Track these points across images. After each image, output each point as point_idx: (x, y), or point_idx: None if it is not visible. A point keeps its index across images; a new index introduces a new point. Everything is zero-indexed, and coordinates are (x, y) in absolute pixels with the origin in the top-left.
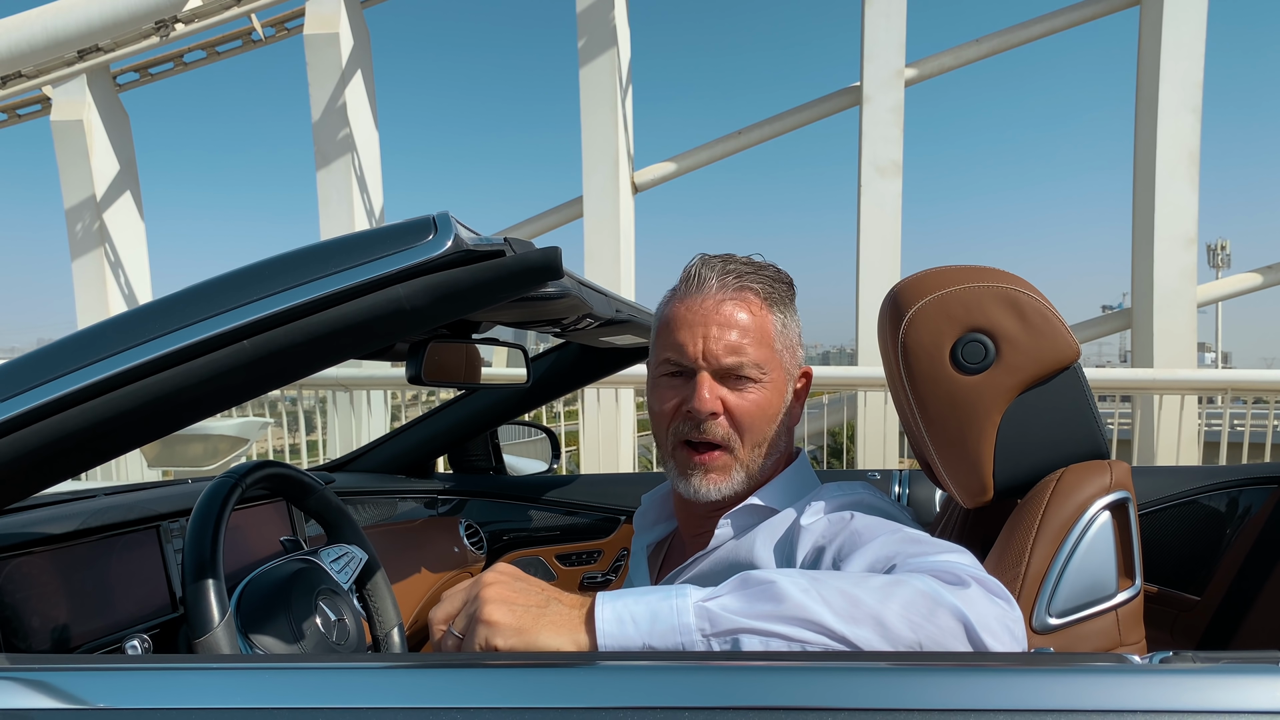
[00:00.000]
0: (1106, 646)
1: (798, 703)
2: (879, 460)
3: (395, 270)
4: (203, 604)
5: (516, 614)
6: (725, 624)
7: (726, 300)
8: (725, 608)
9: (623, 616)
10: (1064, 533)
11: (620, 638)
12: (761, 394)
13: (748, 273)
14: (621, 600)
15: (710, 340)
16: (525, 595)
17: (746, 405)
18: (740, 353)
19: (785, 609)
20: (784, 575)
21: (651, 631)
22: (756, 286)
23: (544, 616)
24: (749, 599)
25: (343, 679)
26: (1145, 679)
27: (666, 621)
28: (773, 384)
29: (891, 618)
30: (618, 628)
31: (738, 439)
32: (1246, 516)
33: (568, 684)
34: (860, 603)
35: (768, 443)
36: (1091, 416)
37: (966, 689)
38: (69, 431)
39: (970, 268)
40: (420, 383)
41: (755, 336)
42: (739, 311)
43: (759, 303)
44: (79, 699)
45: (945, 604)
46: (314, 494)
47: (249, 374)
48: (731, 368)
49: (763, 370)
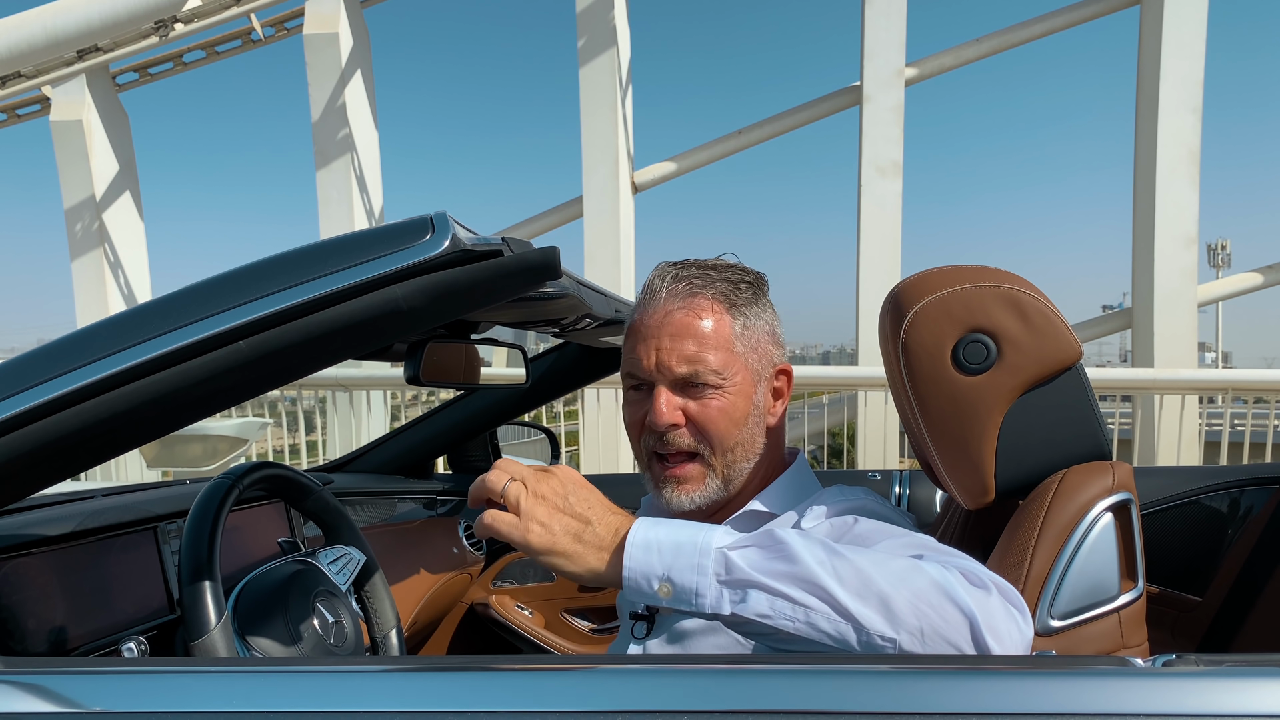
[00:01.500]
0: (1109, 649)
1: (800, 706)
2: (879, 460)
3: (393, 270)
4: (199, 606)
5: (555, 520)
6: (739, 574)
7: (676, 309)
8: (745, 558)
9: (650, 543)
10: (1066, 534)
11: (645, 564)
12: (725, 399)
13: (699, 277)
14: (658, 529)
15: (663, 352)
16: (574, 505)
17: (709, 412)
18: (695, 361)
19: (798, 571)
20: (805, 542)
21: (673, 565)
22: (709, 291)
23: (581, 535)
24: (767, 555)
25: (341, 682)
26: (1148, 682)
27: (688, 558)
28: (737, 387)
29: (899, 603)
30: (644, 553)
31: (706, 446)
32: (1248, 517)
33: (569, 687)
34: (872, 582)
35: (741, 446)
36: (1094, 417)
37: (969, 692)
38: (66, 432)
39: (971, 268)
40: (419, 383)
41: (712, 342)
42: (690, 319)
43: (713, 306)
44: (75, 702)
45: (958, 600)
46: (312, 495)
47: (246, 374)
48: (686, 377)
49: (722, 375)
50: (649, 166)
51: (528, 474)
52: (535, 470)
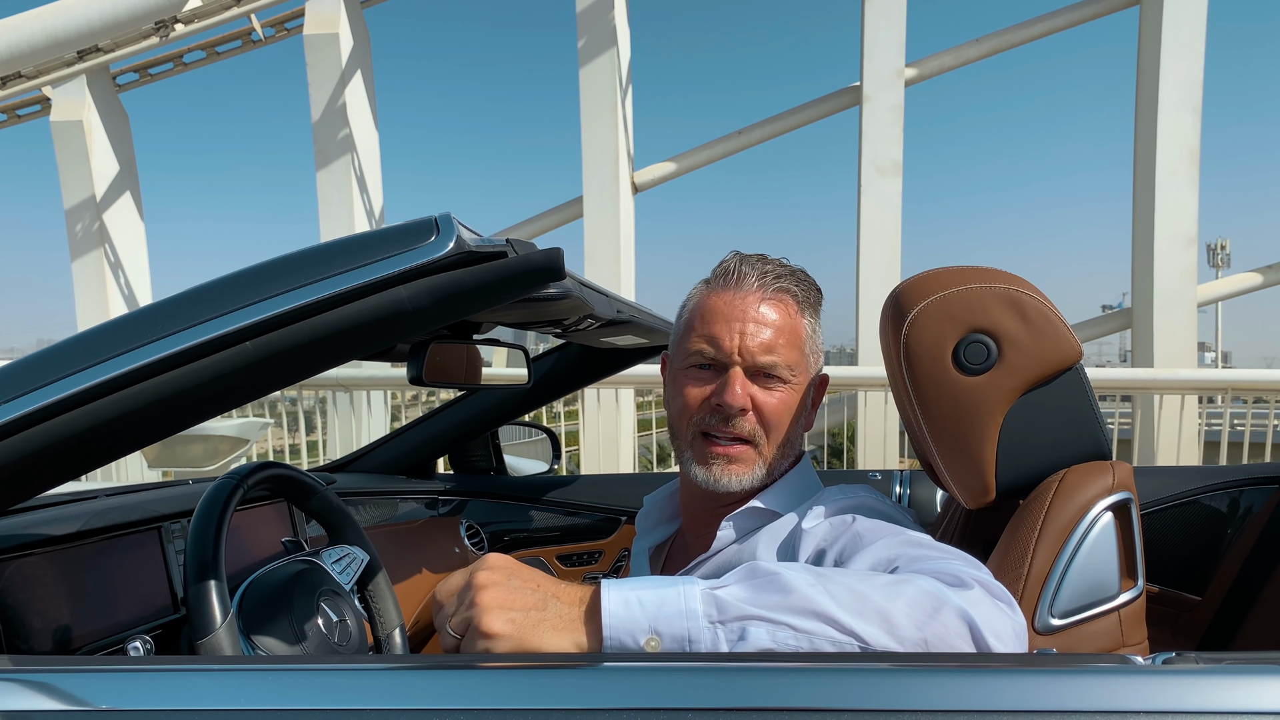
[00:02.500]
0: (1109, 647)
1: (800, 704)
2: (879, 460)
3: (397, 271)
4: (205, 605)
5: (515, 621)
6: (733, 611)
7: (766, 299)
8: (734, 596)
9: (629, 599)
10: (1066, 533)
11: (627, 620)
12: (789, 394)
13: (785, 275)
14: (628, 586)
15: (747, 336)
16: (522, 596)
17: (775, 404)
18: (774, 352)
19: (793, 600)
20: (790, 569)
21: (658, 615)
22: (794, 289)
23: (543, 621)
24: (756, 589)
25: (345, 680)
26: (1148, 680)
27: (674, 606)
28: (799, 386)
29: (898, 615)
30: (624, 609)
31: (763, 436)
32: (1248, 516)
33: (571, 685)
34: (867, 599)
35: (789, 442)
36: (1094, 417)
37: (969, 690)
38: (73, 433)
39: (972, 268)
40: (421, 383)
41: (789, 338)
42: (776, 311)
43: (795, 305)
44: (82, 700)
45: (950, 604)
46: (316, 495)
47: (252, 375)
48: (765, 366)
49: (793, 372)
50: (649, 166)
51: (463, 594)
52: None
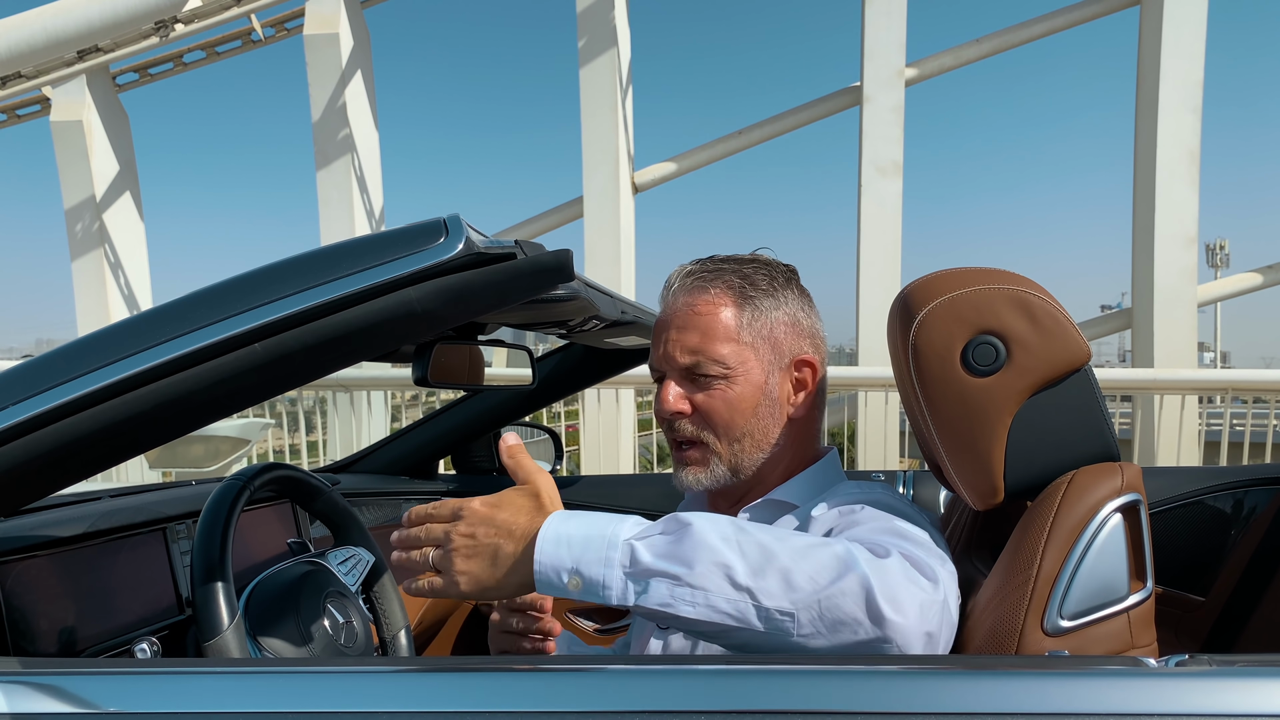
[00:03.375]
0: (1118, 649)
1: (808, 706)
2: (879, 461)
3: (407, 273)
4: (212, 607)
5: (472, 566)
6: (642, 564)
7: (682, 302)
8: (650, 547)
9: (560, 537)
10: (1075, 535)
11: (555, 559)
12: (730, 389)
13: (709, 271)
14: (571, 522)
15: (669, 344)
16: (481, 540)
17: (712, 402)
18: (697, 352)
19: (699, 553)
20: (711, 520)
21: (581, 557)
22: (717, 283)
23: (495, 563)
24: (672, 540)
25: (352, 683)
26: (1161, 682)
27: (596, 551)
28: (743, 378)
29: (799, 576)
30: (554, 548)
31: (711, 434)
32: (1251, 517)
33: (578, 688)
34: (774, 558)
35: (750, 436)
36: (1102, 418)
37: (981, 692)
38: (82, 434)
39: (980, 269)
40: (427, 384)
41: (715, 333)
42: (694, 310)
43: (719, 298)
44: (90, 703)
45: (856, 570)
46: (322, 496)
47: (260, 377)
48: (689, 367)
49: (727, 366)
50: (649, 167)
51: (441, 535)
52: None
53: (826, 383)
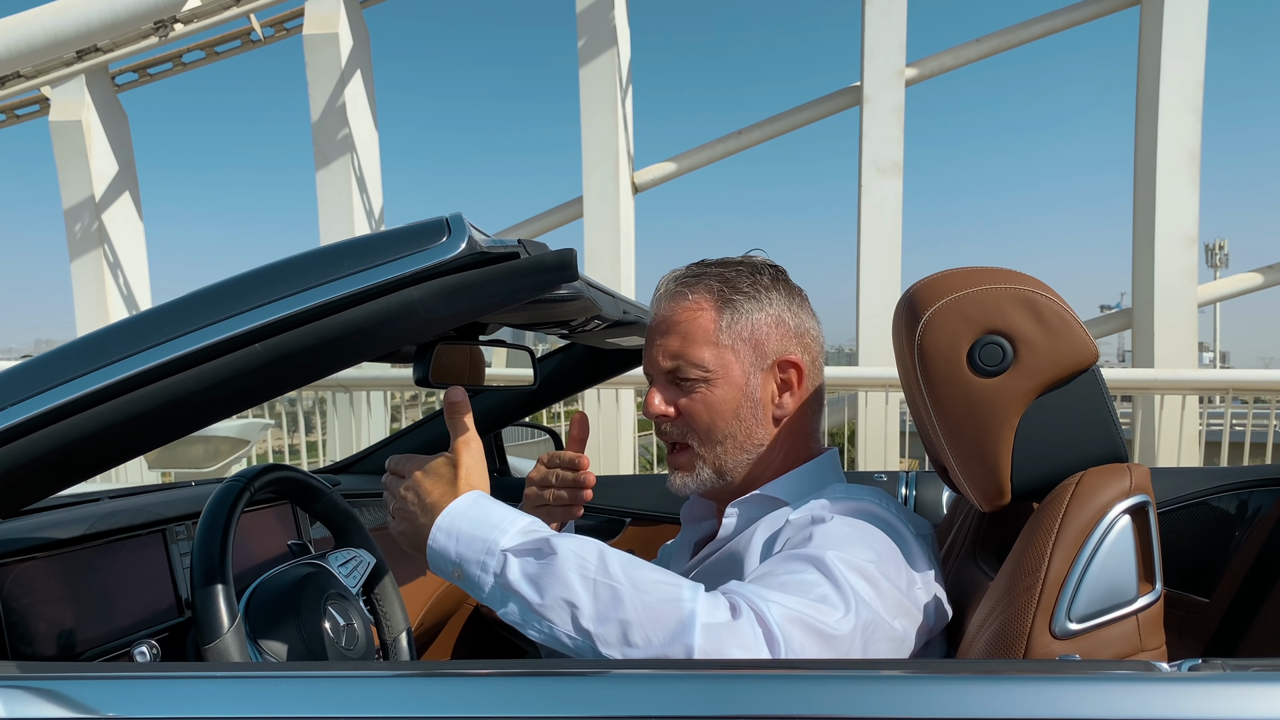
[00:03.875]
0: (1127, 652)
1: (813, 711)
2: (879, 461)
3: (409, 273)
4: (212, 609)
5: (404, 527)
6: (507, 579)
7: (665, 307)
8: (519, 567)
9: (451, 530)
10: (1084, 537)
11: (443, 547)
12: (710, 392)
13: (692, 276)
14: (467, 515)
15: (653, 348)
16: (411, 505)
17: (693, 405)
18: (676, 356)
19: (555, 587)
20: (578, 554)
21: (463, 555)
22: (698, 287)
23: (414, 531)
24: (537, 565)
25: (353, 687)
26: (1173, 687)
27: (476, 554)
28: (723, 380)
29: (636, 632)
30: (445, 538)
31: (694, 436)
32: (1255, 518)
33: (578, 692)
34: (621, 606)
35: (733, 438)
36: (1110, 419)
37: (989, 697)
38: (82, 435)
39: (986, 269)
40: (428, 384)
41: (693, 337)
42: (674, 315)
43: (698, 303)
44: (89, 708)
45: (686, 639)
46: (323, 497)
47: (261, 377)
48: (670, 371)
49: (706, 369)
50: (649, 166)
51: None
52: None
53: (822, 382)
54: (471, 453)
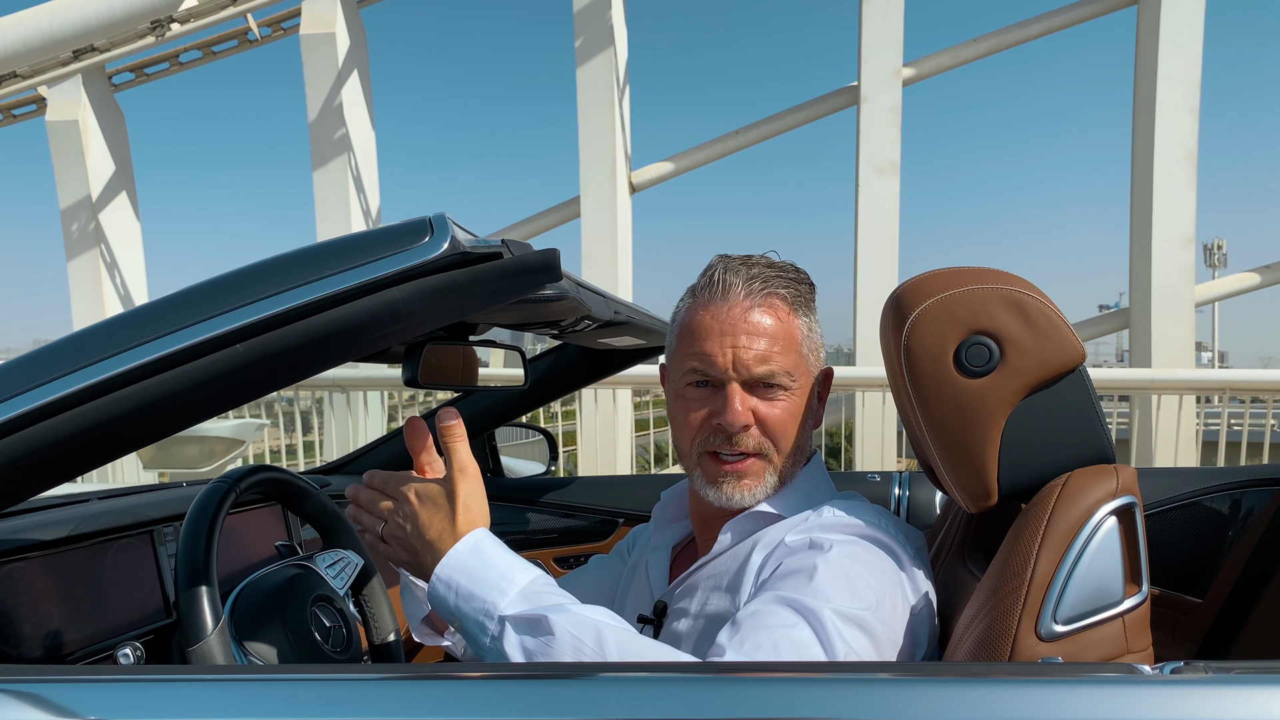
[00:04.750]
0: (1113, 654)
1: (798, 714)
2: (876, 461)
3: (391, 273)
4: (196, 611)
5: (401, 554)
6: (503, 648)
7: (754, 307)
8: (517, 642)
9: (451, 584)
10: (1070, 538)
11: (442, 598)
12: (791, 401)
13: (773, 277)
14: (467, 566)
15: (740, 350)
16: (411, 536)
17: (778, 414)
18: (770, 361)
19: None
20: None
21: (461, 610)
22: (783, 291)
23: (413, 560)
24: (535, 643)
25: (339, 689)
26: (1155, 690)
27: (474, 612)
28: (801, 389)
29: None
30: (444, 589)
31: (771, 447)
32: (1249, 518)
33: (570, 696)
34: None
35: (798, 448)
36: (1097, 420)
37: (974, 700)
38: (63, 436)
39: (973, 269)
40: (417, 385)
41: (784, 344)
42: (767, 318)
43: (785, 308)
44: (70, 710)
45: None
46: (310, 498)
47: (243, 378)
48: (762, 377)
49: (792, 378)
50: (646, 167)
51: (385, 514)
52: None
53: None
54: (469, 482)
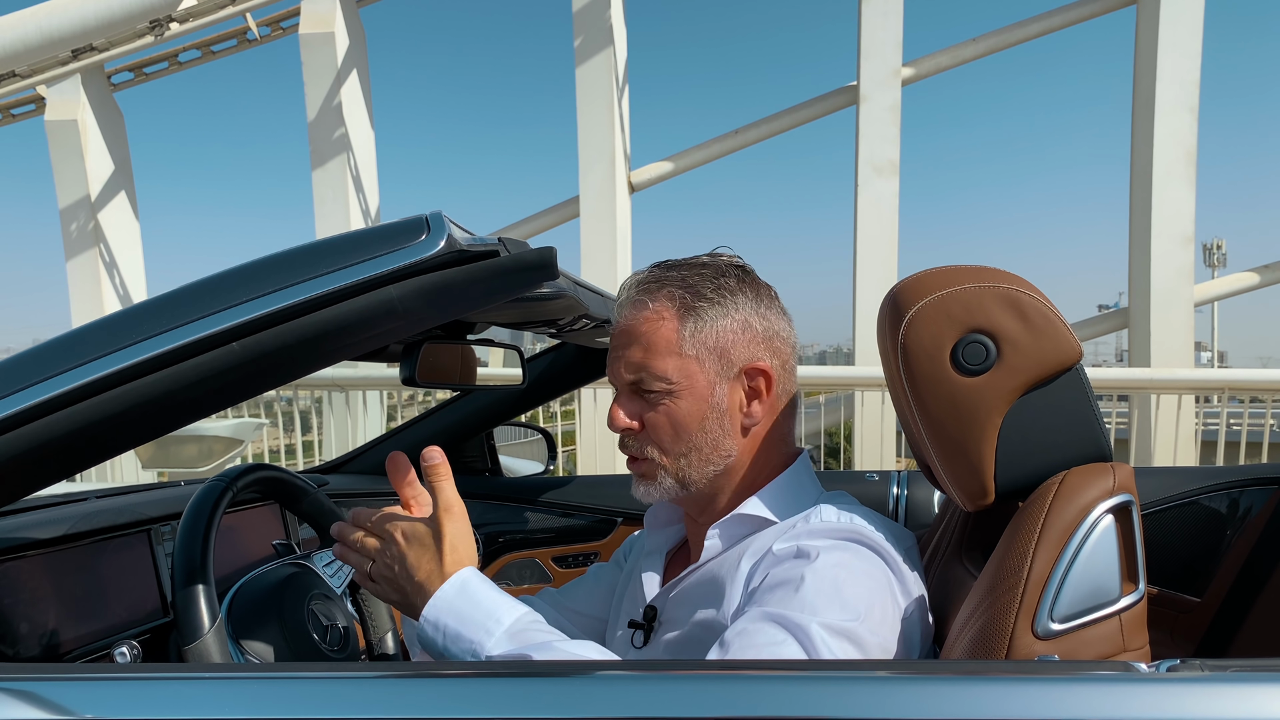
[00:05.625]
0: (1110, 652)
1: (796, 712)
2: (876, 460)
3: (388, 271)
4: (193, 610)
5: (390, 593)
6: None
7: (625, 318)
8: None
9: (438, 626)
10: (1067, 536)
11: (430, 639)
12: (673, 404)
13: (653, 281)
14: (453, 608)
15: (615, 360)
16: (399, 575)
17: (656, 418)
18: (639, 368)
19: None
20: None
21: (449, 650)
22: (660, 294)
23: (402, 599)
24: None
25: (336, 688)
26: (1151, 688)
27: (462, 652)
28: (688, 391)
29: None
30: (432, 631)
31: (655, 449)
32: (1247, 518)
33: (567, 694)
34: None
35: (698, 451)
36: (1094, 418)
37: (970, 697)
38: (58, 435)
39: (971, 268)
40: (414, 384)
41: (656, 347)
42: (635, 325)
43: (660, 311)
44: (66, 709)
45: None
46: (307, 497)
47: (239, 376)
48: (633, 383)
49: (670, 380)
50: (646, 166)
51: (372, 553)
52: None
53: (795, 385)
54: (455, 521)
